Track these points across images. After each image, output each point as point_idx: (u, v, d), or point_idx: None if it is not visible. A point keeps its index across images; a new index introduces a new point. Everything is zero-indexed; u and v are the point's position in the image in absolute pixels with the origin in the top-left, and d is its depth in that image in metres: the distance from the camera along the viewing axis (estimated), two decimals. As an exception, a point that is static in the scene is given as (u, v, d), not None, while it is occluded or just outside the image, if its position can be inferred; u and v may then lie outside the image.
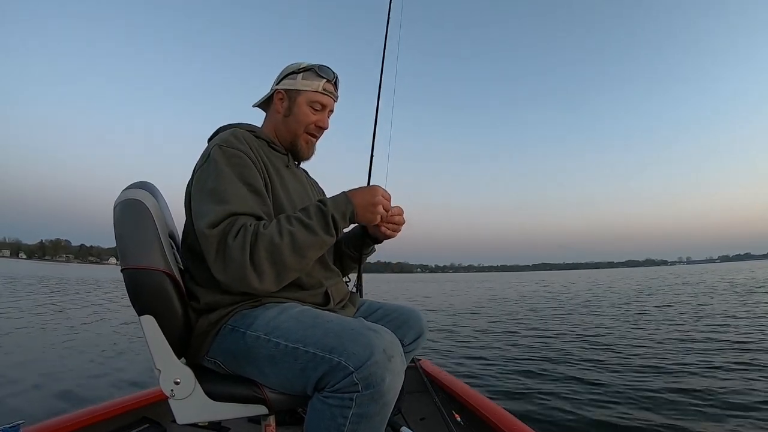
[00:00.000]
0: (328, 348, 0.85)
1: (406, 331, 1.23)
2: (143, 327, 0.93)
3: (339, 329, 0.88)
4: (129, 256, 0.94)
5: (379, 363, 0.82)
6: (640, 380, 3.50)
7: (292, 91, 1.19)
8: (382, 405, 0.84)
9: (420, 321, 1.27)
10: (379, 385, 0.82)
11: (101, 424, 1.55)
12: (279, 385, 0.93)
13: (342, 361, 0.82)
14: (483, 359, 4.56)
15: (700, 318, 7.36)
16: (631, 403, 2.95)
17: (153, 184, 1.08)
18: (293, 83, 1.19)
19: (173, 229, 1.15)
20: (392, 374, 0.83)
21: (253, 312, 0.97)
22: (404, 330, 1.22)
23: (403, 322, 1.24)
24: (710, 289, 14.70)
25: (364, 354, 0.82)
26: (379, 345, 0.84)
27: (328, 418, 0.83)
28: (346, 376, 0.82)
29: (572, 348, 5.05)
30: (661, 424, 2.56)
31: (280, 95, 1.20)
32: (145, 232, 0.97)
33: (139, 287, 0.93)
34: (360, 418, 0.83)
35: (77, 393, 3.15)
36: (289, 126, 1.19)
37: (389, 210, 1.09)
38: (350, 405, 0.82)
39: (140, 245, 0.96)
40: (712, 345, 4.90)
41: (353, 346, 0.83)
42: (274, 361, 0.90)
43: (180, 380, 0.93)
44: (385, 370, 0.82)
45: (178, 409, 0.93)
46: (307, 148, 1.22)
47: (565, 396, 3.16)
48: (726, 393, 3.08)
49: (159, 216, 1.01)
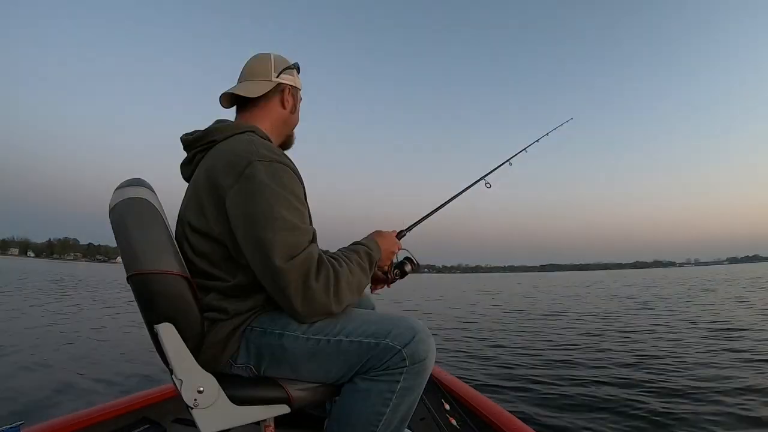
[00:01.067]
0: (372, 334, 0.94)
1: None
2: (161, 335, 0.86)
3: (376, 318, 0.98)
4: (141, 260, 0.87)
5: (423, 340, 0.95)
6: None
7: (296, 89, 1.19)
8: (423, 379, 0.97)
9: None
10: (424, 360, 0.94)
11: (102, 424, 1.55)
12: (314, 377, 0.97)
13: (389, 342, 0.93)
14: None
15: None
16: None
17: (147, 181, 1.01)
18: (294, 80, 1.18)
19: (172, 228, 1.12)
20: (432, 351, 0.97)
21: (282, 313, 0.97)
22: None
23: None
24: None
25: (408, 334, 0.94)
26: (419, 325, 0.97)
27: (375, 394, 0.93)
28: (394, 354, 0.92)
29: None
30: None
31: (290, 91, 1.17)
32: (156, 234, 0.91)
33: (155, 294, 0.87)
34: (405, 391, 0.94)
35: (77, 393, 3.16)
36: (289, 123, 1.19)
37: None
38: (399, 379, 0.93)
39: (153, 248, 0.89)
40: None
41: (397, 328, 0.95)
42: (314, 357, 0.94)
43: (203, 388, 0.88)
44: (428, 346, 0.95)
45: (203, 419, 0.88)
46: (292, 141, 1.26)
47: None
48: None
49: (164, 215, 0.96)
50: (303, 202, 0.97)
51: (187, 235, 1.00)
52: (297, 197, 0.94)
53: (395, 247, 1.20)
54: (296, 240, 0.89)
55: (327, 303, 0.91)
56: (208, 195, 0.95)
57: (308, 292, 0.89)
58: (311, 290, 0.88)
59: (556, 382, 3.57)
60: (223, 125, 1.08)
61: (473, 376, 3.81)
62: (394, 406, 0.94)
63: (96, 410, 1.59)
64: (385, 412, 0.93)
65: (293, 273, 0.87)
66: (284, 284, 0.88)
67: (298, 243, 0.89)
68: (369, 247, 1.08)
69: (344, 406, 0.96)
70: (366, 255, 1.05)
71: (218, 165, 0.95)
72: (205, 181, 0.97)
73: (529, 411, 2.87)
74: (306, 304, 0.90)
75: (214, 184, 0.94)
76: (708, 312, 8.37)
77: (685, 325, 6.71)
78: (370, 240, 1.12)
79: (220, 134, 1.04)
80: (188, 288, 0.91)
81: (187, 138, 1.09)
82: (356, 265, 1.00)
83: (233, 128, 1.05)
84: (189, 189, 1.05)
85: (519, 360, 4.50)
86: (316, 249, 0.93)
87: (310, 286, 0.88)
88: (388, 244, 1.17)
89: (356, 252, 1.04)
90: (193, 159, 1.08)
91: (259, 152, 0.93)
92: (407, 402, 0.96)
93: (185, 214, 1.01)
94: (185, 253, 1.00)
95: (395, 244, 1.21)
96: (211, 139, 1.04)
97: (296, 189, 0.95)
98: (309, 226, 0.95)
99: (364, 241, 1.12)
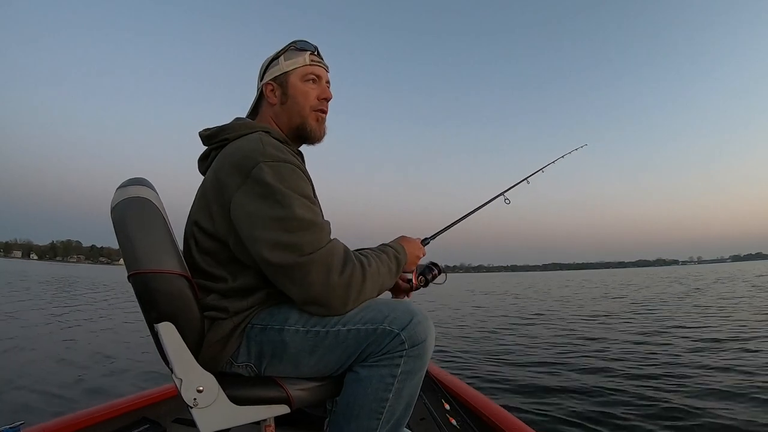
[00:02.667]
0: (370, 320, 0.92)
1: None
2: (161, 335, 0.86)
3: (372, 304, 0.96)
4: (141, 259, 0.87)
5: (421, 323, 0.94)
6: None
7: (280, 77, 1.10)
8: (424, 362, 0.95)
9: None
10: (423, 342, 0.93)
11: (101, 424, 1.55)
12: (314, 372, 0.97)
13: (387, 326, 0.91)
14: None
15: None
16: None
17: (149, 180, 1.01)
18: (278, 69, 1.10)
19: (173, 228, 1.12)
20: (431, 334, 0.96)
21: (281, 308, 0.97)
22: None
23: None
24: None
25: (405, 317, 0.93)
26: (416, 308, 0.96)
27: (377, 380, 0.92)
28: (393, 338, 0.91)
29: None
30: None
31: (270, 86, 1.11)
32: (157, 233, 0.91)
33: (156, 293, 0.87)
34: (407, 375, 0.93)
35: (78, 393, 3.17)
36: (290, 111, 1.10)
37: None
38: (399, 363, 0.92)
39: (154, 247, 0.89)
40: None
41: (394, 312, 0.93)
42: (314, 350, 0.93)
43: (203, 388, 0.88)
44: (426, 328, 0.94)
45: (202, 418, 0.88)
46: (318, 127, 1.13)
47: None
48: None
49: (166, 215, 0.96)
50: (312, 199, 0.96)
51: (194, 233, 1.00)
52: (306, 195, 0.93)
53: (420, 253, 1.21)
54: (314, 236, 0.89)
55: (345, 300, 0.91)
56: (215, 194, 0.96)
57: (328, 287, 0.88)
58: (331, 286, 0.88)
59: (556, 381, 3.57)
60: (237, 123, 1.08)
61: (473, 377, 3.81)
62: (396, 391, 0.93)
63: (96, 410, 1.59)
64: (388, 398, 0.92)
65: (313, 267, 0.87)
66: (301, 280, 0.88)
67: (317, 239, 0.89)
68: (397, 250, 1.07)
69: (347, 396, 0.95)
70: (394, 257, 1.05)
71: (226, 165, 0.95)
72: (213, 180, 0.97)
73: (530, 411, 2.87)
74: (323, 299, 0.89)
75: (221, 184, 0.94)
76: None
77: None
78: (397, 243, 1.12)
79: (232, 132, 1.04)
80: (188, 287, 0.91)
81: (204, 134, 1.09)
82: (385, 265, 1.00)
83: (246, 127, 1.05)
84: (200, 187, 1.05)
85: (522, 360, 4.51)
86: (339, 245, 0.93)
87: (332, 281, 0.88)
88: (414, 248, 1.17)
89: (385, 253, 1.04)
90: (209, 155, 1.09)
91: (266, 152, 0.92)
92: (410, 386, 0.95)
93: (194, 212, 1.02)
94: (191, 250, 1.01)
95: (420, 249, 1.21)
96: (224, 137, 1.04)
97: (304, 187, 0.94)
98: (324, 221, 0.95)
99: (391, 243, 1.12)
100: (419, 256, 1.20)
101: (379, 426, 0.94)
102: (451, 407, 1.75)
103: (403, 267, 1.08)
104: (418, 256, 1.19)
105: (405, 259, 1.09)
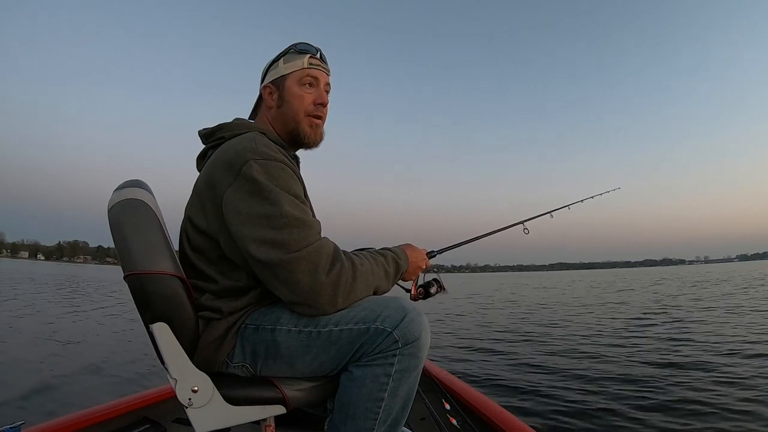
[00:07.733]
0: (362, 319, 0.91)
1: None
2: (156, 335, 0.87)
3: (364, 303, 0.94)
4: (136, 260, 0.88)
5: (414, 320, 0.92)
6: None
7: (278, 80, 1.10)
8: (419, 360, 0.93)
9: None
10: (417, 340, 0.91)
11: (102, 424, 1.56)
12: (309, 372, 0.96)
13: (379, 325, 0.90)
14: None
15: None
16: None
17: (146, 183, 1.03)
18: (277, 71, 1.10)
19: (169, 230, 1.13)
20: (425, 331, 0.93)
21: (273, 308, 0.97)
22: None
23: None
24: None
25: (398, 315, 0.91)
26: (409, 305, 0.94)
27: (371, 379, 0.91)
28: (386, 337, 0.90)
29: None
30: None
31: (269, 89, 1.11)
32: (152, 235, 0.92)
33: (150, 294, 0.88)
34: (401, 374, 0.92)
35: (78, 393, 3.19)
36: (285, 115, 1.10)
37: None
38: (393, 362, 0.91)
39: (149, 248, 0.90)
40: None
41: (386, 310, 0.92)
42: (308, 350, 0.93)
43: (198, 388, 0.89)
44: (420, 325, 0.92)
45: (197, 418, 0.89)
46: (312, 132, 1.11)
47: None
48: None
49: (161, 217, 0.97)
50: (302, 198, 0.96)
51: (187, 229, 1.02)
52: (295, 193, 0.93)
53: (423, 264, 1.18)
54: (301, 234, 0.88)
55: (333, 299, 0.90)
56: (208, 192, 0.97)
57: (314, 285, 0.87)
58: (318, 285, 0.87)
59: (556, 382, 3.56)
60: (235, 123, 1.09)
61: (473, 376, 3.80)
62: (392, 390, 0.92)
63: (96, 410, 1.60)
64: (383, 398, 0.92)
65: (299, 265, 0.86)
66: (287, 278, 0.87)
67: (304, 236, 0.89)
68: (397, 255, 1.06)
69: (342, 396, 0.95)
70: (393, 261, 1.04)
71: (218, 162, 0.96)
72: (207, 177, 0.98)
73: (529, 411, 2.86)
74: (310, 298, 0.89)
75: (214, 182, 0.95)
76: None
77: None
78: (399, 249, 1.11)
79: (229, 131, 1.05)
80: (183, 288, 0.92)
81: (202, 132, 1.11)
82: (381, 267, 0.99)
83: (243, 126, 1.06)
84: (195, 184, 1.06)
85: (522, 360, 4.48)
86: (329, 243, 0.92)
87: (318, 279, 0.87)
88: (418, 258, 1.15)
89: (383, 255, 1.03)
90: (207, 153, 1.10)
91: (258, 150, 0.93)
92: (406, 385, 0.94)
93: (188, 209, 1.03)
94: (184, 248, 1.02)
95: (424, 260, 1.19)
96: (221, 136, 1.05)
97: (293, 185, 0.94)
98: (314, 219, 0.95)
99: (393, 248, 1.11)
100: (421, 266, 1.18)
101: (375, 426, 0.93)
102: (451, 407, 1.75)
103: (402, 273, 1.07)
104: (420, 266, 1.17)
105: (406, 266, 1.08)
